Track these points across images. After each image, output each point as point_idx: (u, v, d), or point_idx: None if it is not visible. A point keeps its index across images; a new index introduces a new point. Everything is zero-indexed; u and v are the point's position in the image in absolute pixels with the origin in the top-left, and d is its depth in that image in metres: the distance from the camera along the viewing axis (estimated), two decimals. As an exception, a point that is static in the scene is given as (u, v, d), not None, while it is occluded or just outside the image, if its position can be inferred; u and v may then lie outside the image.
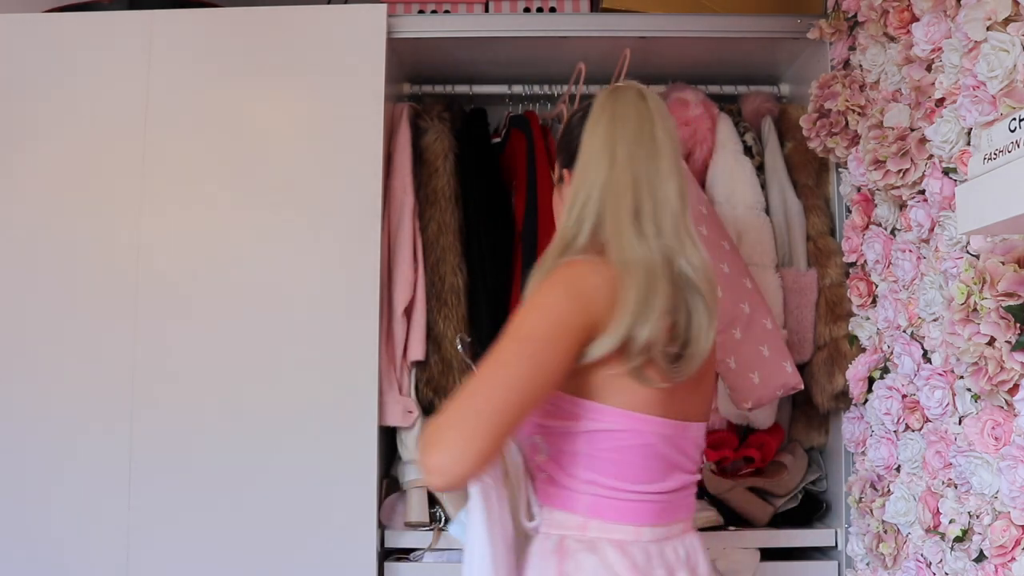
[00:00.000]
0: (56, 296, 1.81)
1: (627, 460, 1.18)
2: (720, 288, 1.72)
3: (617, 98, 1.24)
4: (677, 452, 1.22)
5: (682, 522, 1.25)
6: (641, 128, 1.21)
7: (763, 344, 1.71)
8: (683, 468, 1.24)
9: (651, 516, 1.19)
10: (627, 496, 1.18)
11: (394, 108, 1.97)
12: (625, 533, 1.17)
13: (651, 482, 1.19)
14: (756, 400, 1.70)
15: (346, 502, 1.76)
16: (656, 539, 1.19)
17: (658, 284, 1.14)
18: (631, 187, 1.18)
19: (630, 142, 1.20)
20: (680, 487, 1.23)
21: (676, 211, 1.20)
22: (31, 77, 1.87)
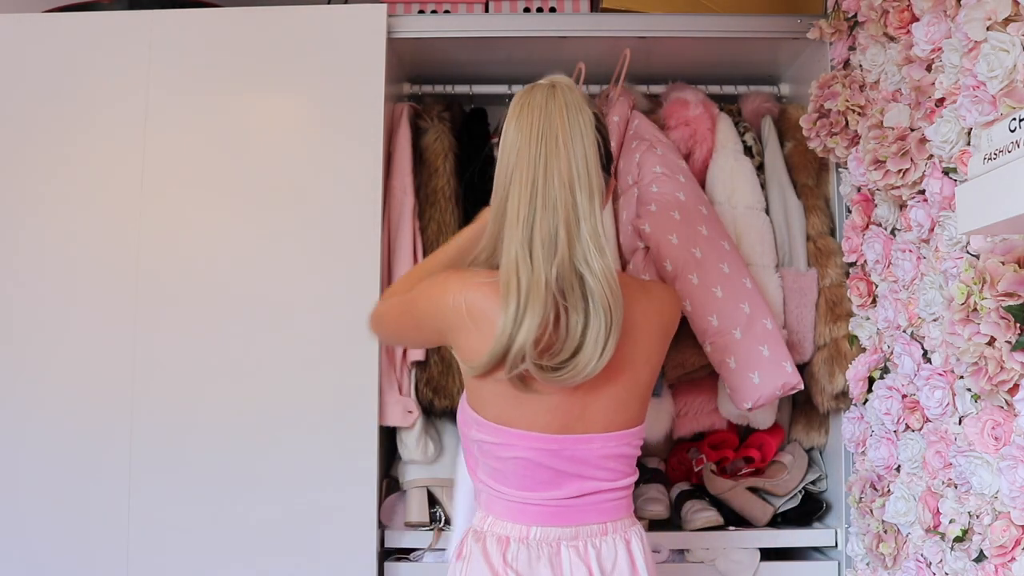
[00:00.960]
0: (56, 296, 1.81)
1: (507, 469, 1.25)
2: (720, 288, 1.73)
3: (526, 100, 1.22)
4: (567, 463, 1.24)
5: (598, 524, 1.26)
6: (546, 131, 1.18)
7: (763, 344, 1.71)
8: (583, 476, 1.25)
9: (541, 519, 1.24)
10: (513, 499, 1.24)
11: (394, 108, 1.97)
12: (511, 531, 1.24)
13: (535, 491, 1.24)
14: (756, 400, 1.70)
15: (346, 502, 1.76)
16: (553, 539, 1.23)
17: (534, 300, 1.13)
18: (530, 195, 1.16)
19: (532, 147, 1.18)
20: (582, 494, 1.25)
21: (575, 215, 1.16)
22: (31, 77, 1.87)
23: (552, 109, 1.19)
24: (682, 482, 2.00)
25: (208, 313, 1.80)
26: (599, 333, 1.15)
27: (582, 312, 1.15)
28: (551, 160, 1.16)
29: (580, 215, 1.16)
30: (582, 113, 1.20)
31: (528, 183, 1.16)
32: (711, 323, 1.73)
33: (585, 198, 1.16)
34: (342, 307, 1.79)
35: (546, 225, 1.15)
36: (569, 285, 1.15)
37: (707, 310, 1.74)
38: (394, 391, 1.84)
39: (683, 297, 1.76)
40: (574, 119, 1.19)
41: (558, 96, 1.20)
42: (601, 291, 1.15)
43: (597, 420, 1.25)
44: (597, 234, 1.16)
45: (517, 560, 1.22)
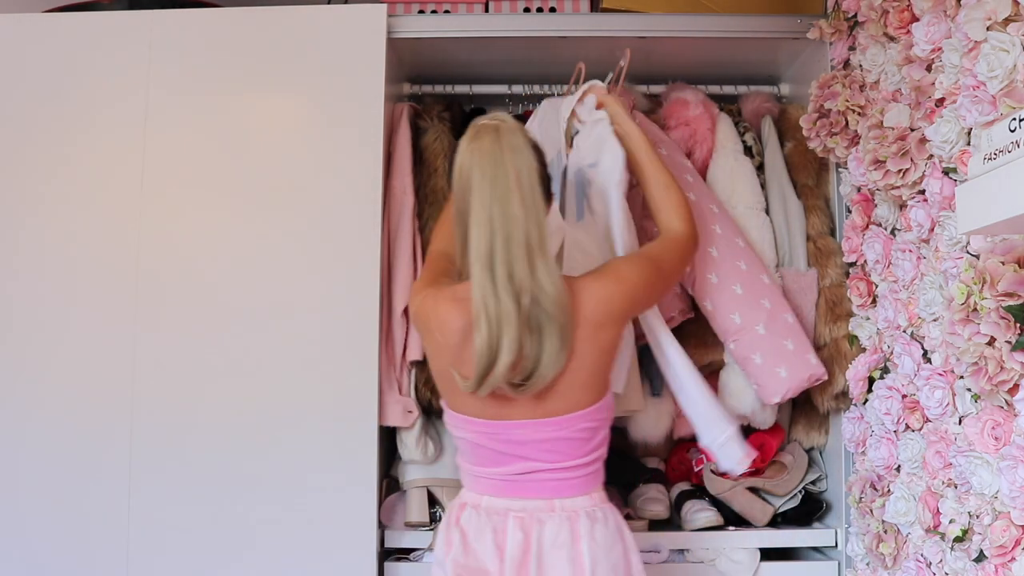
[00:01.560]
0: (56, 296, 1.81)
1: (464, 448, 1.46)
2: (739, 285, 1.74)
3: (475, 144, 1.35)
4: (505, 445, 1.40)
5: (543, 500, 1.40)
6: (495, 172, 1.32)
7: (787, 338, 1.72)
8: (523, 457, 1.40)
9: (492, 490, 1.41)
10: (471, 473, 1.45)
11: (394, 108, 1.97)
12: (469, 498, 1.44)
13: (485, 466, 1.42)
14: (785, 394, 1.72)
15: (346, 502, 1.76)
16: (501, 509, 1.39)
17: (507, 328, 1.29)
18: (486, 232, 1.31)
19: (485, 187, 1.32)
20: (526, 472, 1.40)
21: (526, 247, 1.30)
22: (31, 77, 1.87)
23: (496, 151, 1.33)
24: (682, 482, 2.00)
25: (208, 313, 1.80)
26: (554, 347, 1.31)
27: (539, 331, 1.31)
28: (504, 200, 1.31)
29: (534, 247, 1.31)
30: (524, 152, 1.34)
31: (486, 222, 1.31)
32: (734, 321, 1.73)
33: (535, 230, 1.31)
34: (342, 307, 1.80)
35: (507, 259, 1.30)
36: (528, 313, 1.30)
37: (729, 308, 1.74)
38: (394, 391, 1.84)
39: (703, 297, 1.76)
40: (518, 159, 1.33)
41: (504, 138, 1.34)
42: (555, 311, 1.31)
43: (532, 408, 1.38)
44: (548, 261, 1.32)
45: (468, 523, 1.40)
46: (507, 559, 1.36)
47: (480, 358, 1.31)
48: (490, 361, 1.30)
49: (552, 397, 1.38)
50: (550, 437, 1.39)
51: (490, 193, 1.31)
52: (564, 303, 1.32)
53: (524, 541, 1.36)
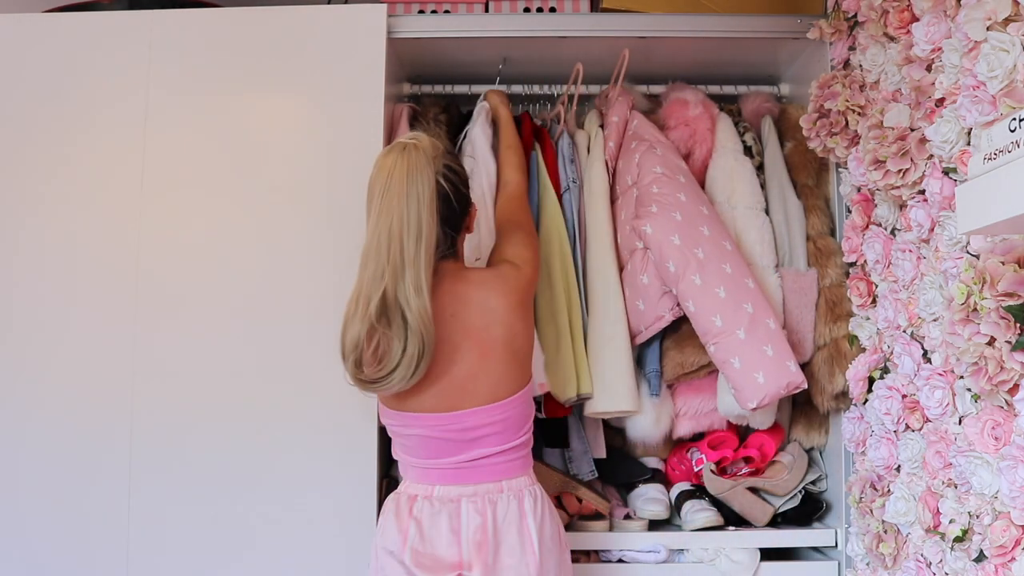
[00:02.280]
0: (56, 296, 1.81)
1: (408, 444, 1.53)
2: (723, 288, 1.74)
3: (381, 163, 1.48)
4: (457, 434, 1.48)
5: (493, 483, 1.50)
6: (389, 191, 1.43)
7: (767, 344, 1.71)
8: (474, 445, 1.49)
9: (443, 479, 1.50)
10: (419, 465, 1.52)
11: (394, 108, 1.97)
12: (419, 490, 1.51)
13: (439, 458, 1.50)
14: (761, 400, 1.70)
15: (346, 502, 1.76)
16: (454, 496, 1.48)
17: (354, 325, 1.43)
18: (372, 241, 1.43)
19: (377, 203, 1.44)
20: (475, 459, 1.49)
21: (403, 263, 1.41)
22: (31, 77, 1.87)
23: (396, 170, 1.44)
24: (682, 482, 2.00)
25: (208, 313, 1.80)
26: (413, 357, 1.41)
27: (402, 340, 1.41)
28: (387, 215, 1.42)
29: (406, 263, 1.41)
30: (422, 173, 1.44)
31: (372, 232, 1.44)
32: (714, 323, 1.73)
33: (412, 247, 1.41)
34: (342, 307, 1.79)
35: (377, 268, 1.41)
36: (392, 318, 1.41)
37: (710, 310, 1.74)
38: (394, 391, 1.84)
39: (686, 298, 1.77)
40: (413, 178, 1.43)
41: (405, 158, 1.44)
42: (417, 325, 1.41)
43: (476, 395, 1.49)
44: (418, 276, 1.41)
45: (422, 513, 1.48)
46: (464, 542, 1.46)
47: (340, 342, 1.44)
48: (341, 347, 1.44)
49: (493, 385, 1.50)
50: (496, 420, 1.49)
51: (379, 205, 1.43)
52: (427, 323, 1.41)
53: (482, 523, 1.46)
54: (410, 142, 1.47)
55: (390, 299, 1.41)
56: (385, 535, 1.50)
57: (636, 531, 1.88)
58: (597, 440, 1.95)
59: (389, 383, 1.43)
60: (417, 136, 1.50)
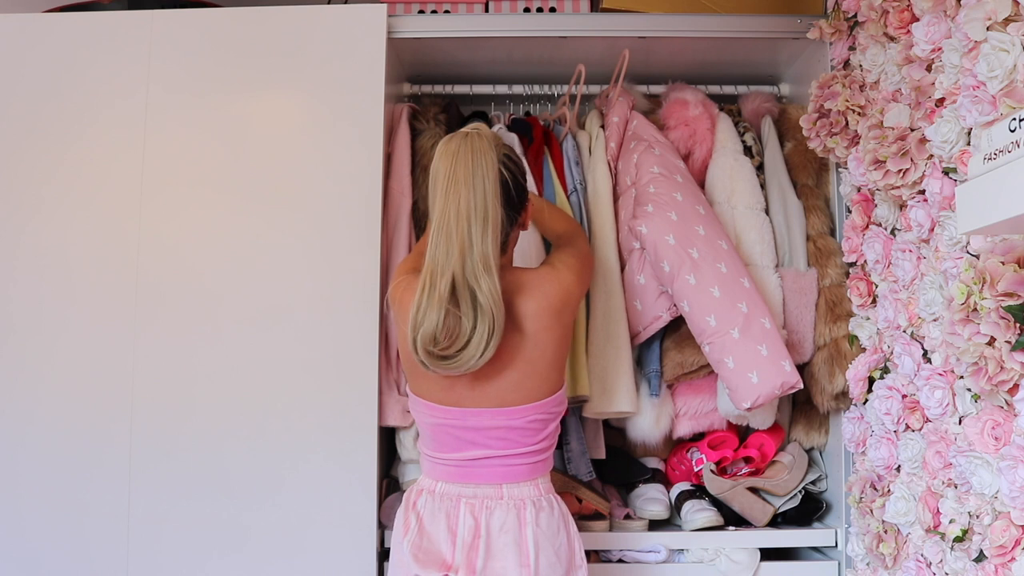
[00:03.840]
0: (56, 296, 1.81)
1: (426, 433, 1.55)
2: (717, 288, 1.73)
3: (447, 148, 1.47)
4: (468, 432, 1.49)
5: (493, 486, 1.50)
6: (459, 175, 1.43)
7: (761, 343, 1.71)
8: (483, 445, 1.49)
9: (447, 476, 1.51)
10: (430, 459, 1.54)
11: (394, 109, 1.97)
12: (425, 484, 1.54)
13: (443, 452, 1.51)
14: (755, 400, 1.70)
15: (346, 502, 1.76)
16: (455, 495, 1.49)
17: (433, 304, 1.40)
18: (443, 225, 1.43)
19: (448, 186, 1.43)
20: (480, 458, 1.50)
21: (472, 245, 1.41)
22: (31, 77, 1.87)
23: (461, 155, 1.44)
24: (682, 482, 2.00)
25: (208, 312, 1.80)
26: (483, 336, 1.40)
27: (471, 319, 1.41)
28: (455, 197, 1.42)
29: (474, 244, 1.41)
30: (486, 157, 1.44)
31: (438, 214, 1.44)
32: (709, 323, 1.73)
33: (479, 229, 1.42)
34: (342, 307, 1.80)
35: (448, 251, 1.42)
36: (462, 296, 1.41)
37: (705, 310, 1.74)
38: (393, 391, 1.84)
39: (681, 297, 1.77)
40: (478, 162, 1.43)
41: (469, 144, 1.45)
42: (487, 303, 1.40)
43: (489, 397, 1.49)
44: (487, 257, 1.42)
45: (425, 508, 1.50)
46: (458, 542, 1.47)
47: (410, 323, 1.41)
48: (414, 326, 1.41)
49: (512, 389, 1.49)
50: (502, 425, 1.49)
51: (444, 188, 1.43)
52: (497, 302, 1.41)
53: (475, 526, 1.47)
54: (472, 130, 1.48)
55: (459, 279, 1.40)
56: (396, 527, 1.54)
57: (636, 531, 1.89)
58: (597, 441, 1.95)
59: (458, 361, 1.42)
60: (478, 126, 1.50)
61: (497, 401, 1.49)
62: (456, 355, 1.42)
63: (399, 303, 1.53)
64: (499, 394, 1.49)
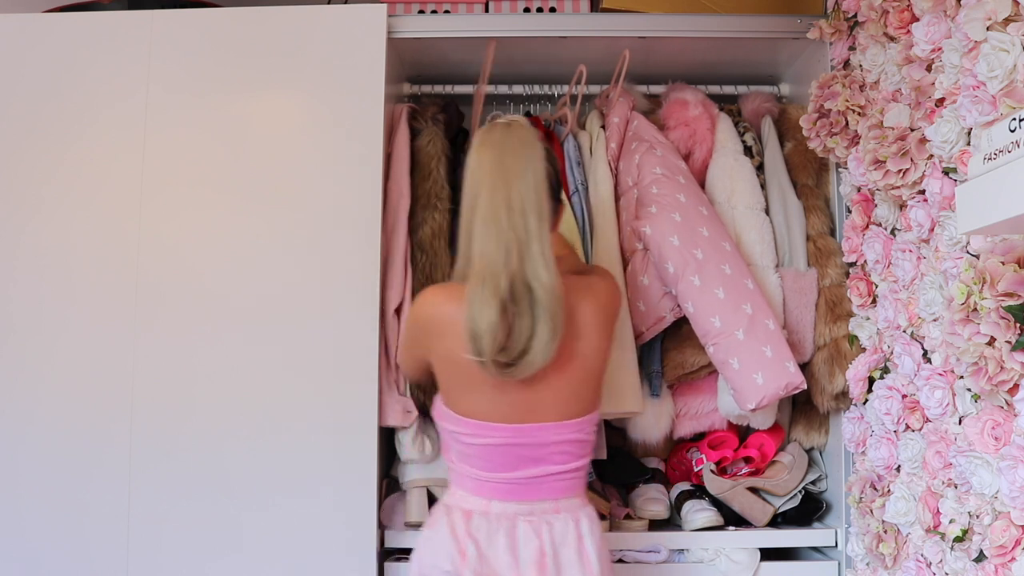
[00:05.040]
0: (56, 297, 1.81)
1: (473, 454, 1.43)
2: (722, 289, 1.73)
3: (487, 137, 1.41)
4: (528, 449, 1.41)
5: (551, 501, 1.43)
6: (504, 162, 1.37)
7: (766, 344, 1.71)
8: (543, 461, 1.42)
9: (501, 494, 1.42)
10: (477, 478, 1.43)
11: (394, 109, 1.97)
12: (475, 504, 1.42)
13: (497, 472, 1.42)
14: (760, 401, 1.70)
15: (346, 502, 1.76)
16: (510, 513, 1.41)
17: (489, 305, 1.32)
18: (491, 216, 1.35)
19: (494, 177, 1.37)
20: (538, 476, 1.42)
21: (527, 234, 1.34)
22: (31, 77, 1.87)
23: (507, 145, 1.38)
24: (682, 482, 2.00)
25: (208, 313, 1.80)
26: (545, 335, 1.34)
27: (530, 317, 1.33)
28: (505, 189, 1.35)
29: (530, 237, 1.34)
30: (533, 148, 1.39)
31: (487, 207, 1.35)
32: (713, 324, 1.73)
33: (534, 222, 1.35)
34: (342, 307, 1.80)
35: (502, 245, 1.34)
36: (520, 295, 1.33)
37: (709, 311, 1.74)
38: (393, 391, 1.84)
39: (685, 299, 1.77)
40: (527, 153, 1.37)
41: (513, 133, 1.39)
42: (547, 300, 1.33)
43: (551, 410, 1.42)
44: (546, 252, 1.35)
45: (479, 531, 1.40)
46: (522, 563, 1.38)
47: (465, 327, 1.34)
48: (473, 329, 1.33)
49: (571, 399, 1.43)
50: (567, 439, 1.43)
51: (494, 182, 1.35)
52: (558, 298, 1.34)
53: (539, 546, 1.39)
54: (512, 121, 1.42)
55: (517, 276, 1.33)
56: (438, 554, 1.40)
57: (636, 531, 1.89)
58: (599, 442, 1.95)
59: (524, 364, 1.34)
60: (515, 117, 1.44)
61: (558, 414, 1.42)
62: (519, 359, 1.34)
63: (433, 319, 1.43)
64: (559, 406, 1.42)
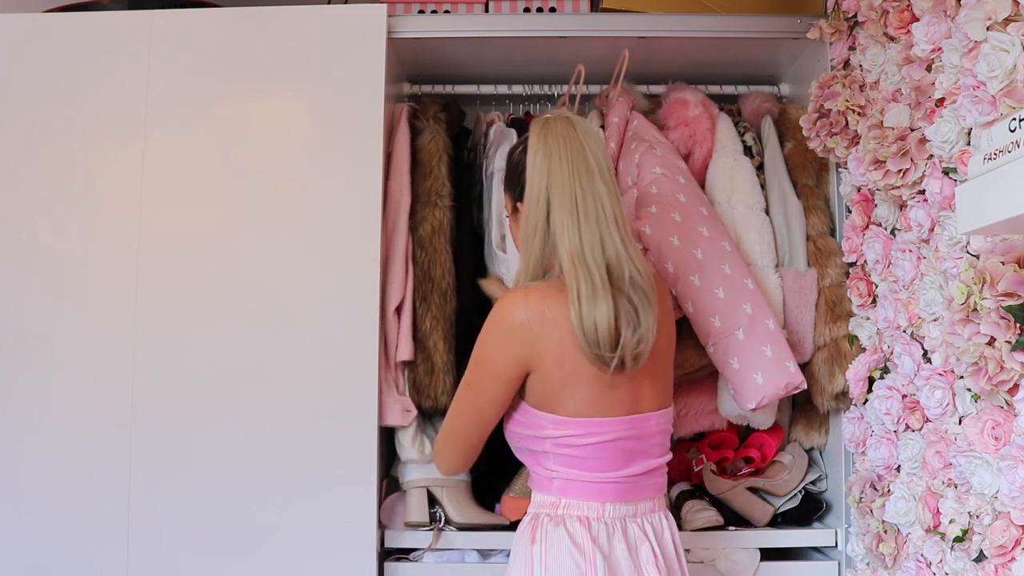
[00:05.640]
0: (56, 296, 1.81)
1: (585, 455, 1.37)
2: (722, 289, 1.73)
3: (548, 129, 1.37)
4: (635, 442, 1.38)
5: (650, 500, 1.42)
6: (573, 152, 1.34)
7: (766, 344, 1.71)
8: (647, 454, 1.40)
9: (614, 495, 1.37)
10: (590, 480, 1.36)
11: (394, 108, 1.97)
12: (590, 510, 1.36)
13: (610, 471, 1.37)
14: (760, 401, 1.70)
15: (346, 502, 1.76)
16: (621, 516, 1.37)
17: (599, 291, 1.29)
18: (572, 207, 1.32)
19: (564, 166, 1.34)
20: (645, 471, 1.40)
21: (614, 221, 1.33)
22: (31, 77, 1.87)
23: (573, 137, 1.36)
24: (682, 482, 2.00)
25: (208, 313, 1.80)
26: (650, 321, 1.32)
27: (638, 304, 1.31)
28: (588, 178, 1.33)
29: (618, 225, 1.33)
30: (599, 139, 1.38)
31: (569, 200, 1.32)
32: (714, 324, 1.73)
33: (616, 210, 1.34)
34: (342, 308, 1.80)
35: (596, 237, 1.31)
36: (626, 283, 1.31)
37: (709, 311, 1.74)
38: (392, 391, 1.84)
39: (685, 299, 1.77)
40: (596, 144, 1.37)
41: (575, 126, 1.37)
42: (648, 285, 1.33)
43: (651, 399, 1.40)
44: (630, 240, 1.35)
45: (599, 536, 1.34)
46: (642, 565, 1.34)
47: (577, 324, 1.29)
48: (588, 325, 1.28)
49: (663, 388, 1.43)
50: (663, 429, 1.43)
51: (570, 171, 1.33)
52: (652, 282, 1.34)
53: (650, 547, 1.36)
54: (568, 115, 1.40)
55: (615, 264, 1.31)
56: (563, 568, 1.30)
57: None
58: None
59: (640, 354, 1.31)
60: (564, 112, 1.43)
61: (656, 403, 1.41)
62: (639, 347, 1.31)
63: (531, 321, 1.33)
64: (656, 395, 1.40)
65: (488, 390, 1.38)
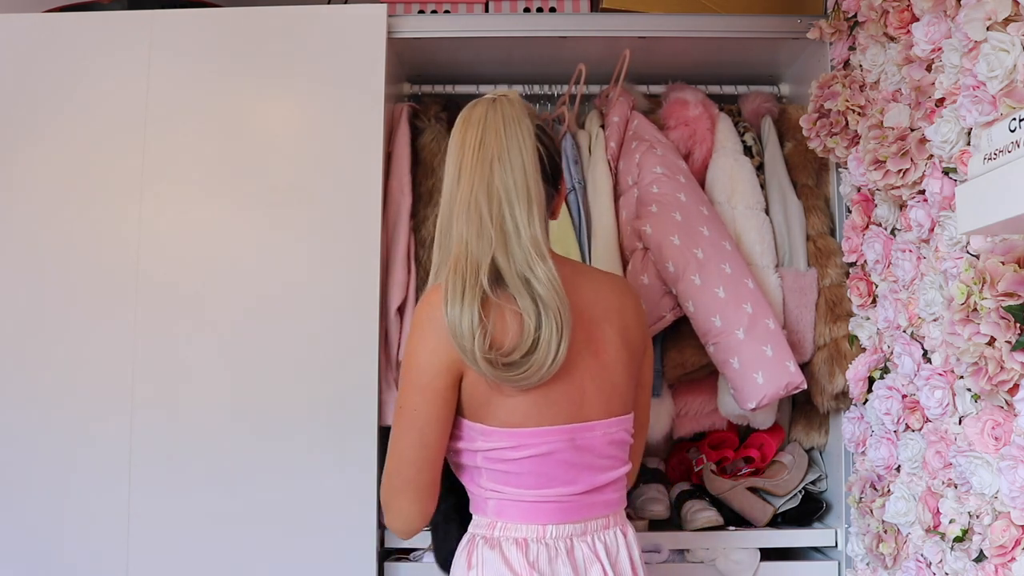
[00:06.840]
0: (56, 296, 1.81)
1: (520, 471, 1.25)
2: (722, 288, 1.73)
3: (466, 116, 1.28)
4: (577, 455, 1.26)
5: (601, 518, 1.30)
6: (480, 147, 1.23)
7: (766, 344, 1.71)
8: (594, 468, 1.28)
9: (556, 516, 1.25)
10: (528, 499, 1.25)
11: (394, 108, 1.97)
12: (527, 532, 1.25)
13: (551, 487, 1.25)
14: (760, 400, 1.70)
15: (346, 502, 1.76)
16: (566, 536, 1.25)
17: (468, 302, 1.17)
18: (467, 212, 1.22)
19: (467, 163, 1.23)
20: (592, 488, 1.28)
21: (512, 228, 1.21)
22: (31, 77, 1.87)
23: (489, 124, 1.24)
24: (682, 482, 2.00)
25: (207, 312, 1.80)
26: (551, 334, 1.18)
27: (533, 315, 1.19)
28: (485, 173, 1.22)
29: (518, 224, 1.21)
30: (520, 125, 1.24)
31: (465, 194, 1.22)
32: (714, 324, 1.73)
33: (522, 209, 1.21)
34: (342, 307, 1.80)
35: (477, 232, 1.21)
36: (516, 290, 1.19)
37: (710, 311, 1.74)
38: (392, 391, 1.84)
39: (685, 298, 1.77)
40: (511, 132, 1.23)
41: (497, 110, 1.25)
42: (549, 295, 1.19)
43: (596, 407, 1.28)
44: (537, 241, 1.21)
45: (538, 560, 1.23)
46: None
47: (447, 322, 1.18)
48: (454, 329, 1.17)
49: (613, 394, 1.30)
50: (614, 439, 1.30)
51: (473, 165, 1.22)
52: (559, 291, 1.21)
53: (601, 568, 1.26)
54: (499, 95, 1.27)
55: (506, 269, 1.19)
56: None
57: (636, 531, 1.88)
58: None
59: (529, 368, 1.18)
60: (504, 91, 1.29)
61: (603, 411, 1.28)
62: (523, 360, 1.18)
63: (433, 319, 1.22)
64: (603, 403, 1.28)
65: (423, 408, 1.23)
